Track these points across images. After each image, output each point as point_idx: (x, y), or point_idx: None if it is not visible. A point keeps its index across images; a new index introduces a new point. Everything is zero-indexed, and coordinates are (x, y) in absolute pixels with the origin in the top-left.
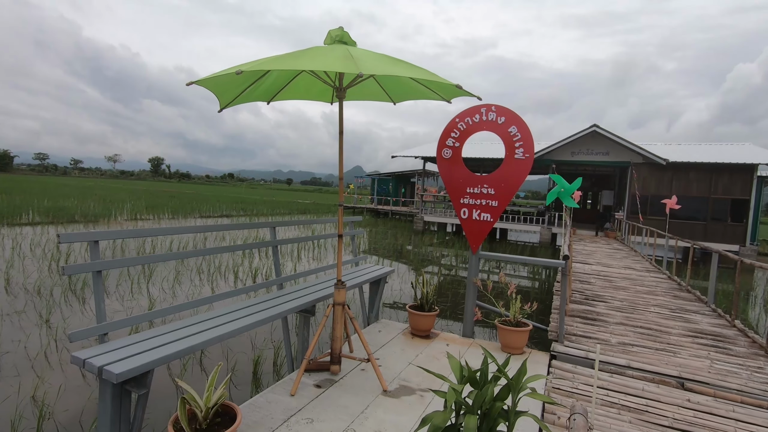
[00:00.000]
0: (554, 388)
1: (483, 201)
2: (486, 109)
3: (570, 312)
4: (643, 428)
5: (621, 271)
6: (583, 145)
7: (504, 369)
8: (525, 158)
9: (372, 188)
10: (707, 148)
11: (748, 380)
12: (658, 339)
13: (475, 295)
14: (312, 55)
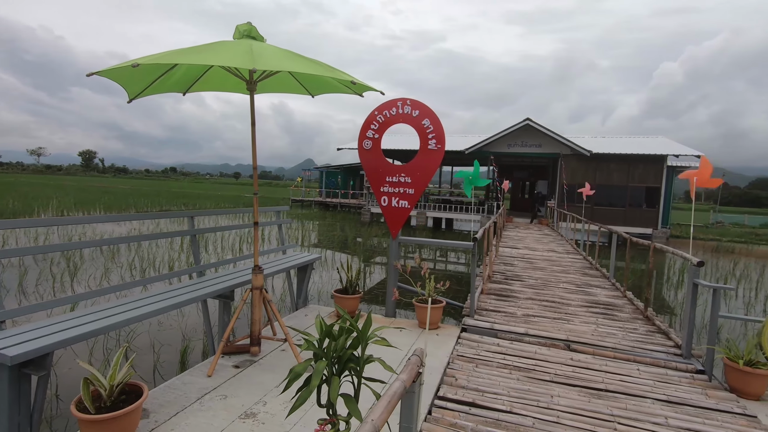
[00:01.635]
0: (459, 356)
1: (401, 189)
2: (402, 103)
3: (488, 290)
4: (527, 383)
5: (544, 254)
6: (518, 137)
7: (360, 326)
8: (437, 149)
9: (320, 181)
10: (626, 141)
11: (622, 339)
12: (559, 310)
13: (396, 277)
14: (214, 49)
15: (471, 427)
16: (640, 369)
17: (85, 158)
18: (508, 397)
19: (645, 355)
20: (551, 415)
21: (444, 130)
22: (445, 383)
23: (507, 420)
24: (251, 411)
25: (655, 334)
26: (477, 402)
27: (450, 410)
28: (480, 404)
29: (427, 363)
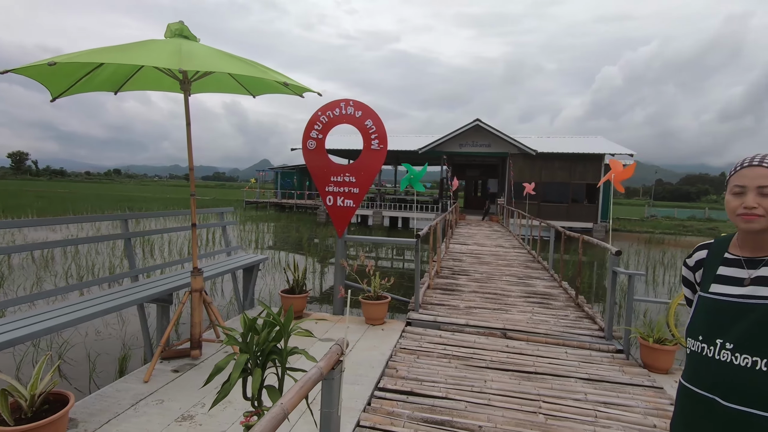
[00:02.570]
0: (401, 348)
1: (345, 188)
2: (345, 104)
3: (434, 285)
4: (464, 371)
5: (491, 249)
6: (469, 137)
7: (281, 320)
8: (380, 149)
9: (276, 182)
10: (569, 141)
11: (554, 326)
12: (499, 301)
13: (343, 276)
14: (141, 48)
15: (407, 414)
16: (568, 352)
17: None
18: (445, 384)
19: (573, 338)
20: (483, 399)
21: (386, 130)
22: (386, 375)
23: (442, 405)
24: (189, 414)
25: (583, 319)
26: (415, 390)
27: (389, 400)
28: (418, 392)
29: (370, 357)
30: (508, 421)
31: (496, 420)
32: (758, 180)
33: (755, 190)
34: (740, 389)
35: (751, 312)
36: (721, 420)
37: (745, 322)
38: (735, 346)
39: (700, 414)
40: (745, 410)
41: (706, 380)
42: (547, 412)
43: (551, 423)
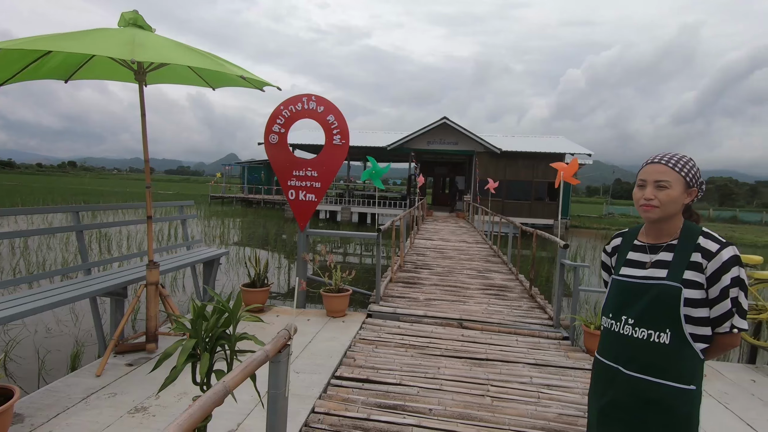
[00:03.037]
0: (361, 339)
1: (307, 183)
2: (307, 99)
3: (396, 279)
4: (419, 359)
5: (455, 245)
6: (436, 135)
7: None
8: (342, 144)
9: (242, 177)
10: (532, 140)
11: (507, 315)
12: (458, 293)
13: (305, 269)
14: (91, 37)
15: (362, 400)
16: (519, 339)
17: None
18: (400, 371)
19: (524, 327)
20: (435, 384)
21: (348, 126)
22: (344, 364)
23: (395, 391)
24: (142, 405)
25: (535, 309)
26: (371, 378)
27: (345, 387)
28: (373, 380)
29: (329, 347)
30: (457, 404)
31: (446, 403)
32: (655, 175)
33: (653, 184)
34: (638, 359)
35: (649, 291)
36: (622, 386)
37: (644, 300)
38: (635, 321)
39: (607, 381)
40: (641, 377)
41: (612, 352)
42: (494, 395)
43: (497, 404)
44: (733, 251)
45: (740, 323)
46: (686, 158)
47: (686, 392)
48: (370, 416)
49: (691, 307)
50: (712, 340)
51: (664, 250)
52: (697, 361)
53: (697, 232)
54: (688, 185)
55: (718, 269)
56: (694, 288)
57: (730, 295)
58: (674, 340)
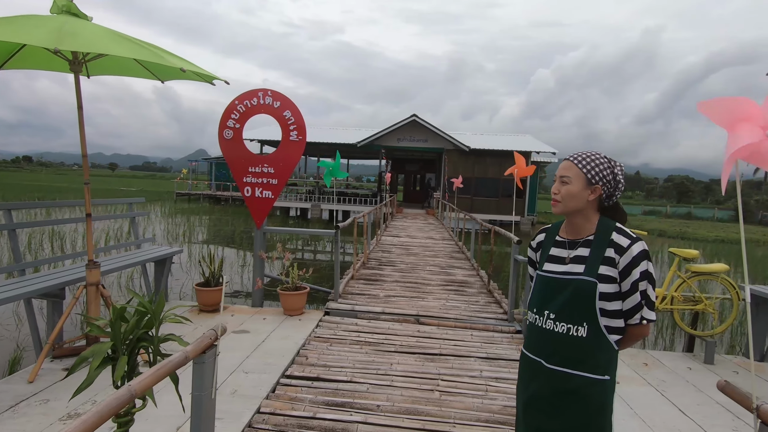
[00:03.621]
0: (316, 337)
1: (264, 179)
2: (263, 93)
3: (358, 276)
4: (373, 356)
5: (422, 241)
6: (407, 132)
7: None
8: (299, 140)
9: (210, 173)
10: (500, 138)
11: (464, 311)
12: (418, 289)
13: (262, 267)
14: (17, 24)
15: (310, 398)
16: (473, 334)
17: None
18: (352, 369)
19: (479, 322)
20: (386, 380)
21: (305, 122)
22: (296, 363)
23: (345, 389)
24: (76, 412)
25: (491, 304)
26: (321, 376)
27: (294, 386)
28: (324, 378)
29: (282, 346)
30: (406, 399)
31: (395, 399)
32: (561, 171)
33: (558, 179)
34: (558, 352)
35: (568, 286)
36: (544, 379)
37: (563, 294)
38: (556, 315)
39: (531, 375)
40: (560, 369)
41: (536, 346)
42: (443, 389)
43: (444, 398)
44: (642, 246)
45: (649, 314)
46: (593, 156)
47: (601, 382)
48: (316, 415)
49: (605, 300)
50: (625, 332)
51: (582, 246)
52: (612, 353)
53: (611, 228)
54: (590, 182)
55: (629, 263)
56: (608, 282)
57: (639, 288)
58: (591, 333)
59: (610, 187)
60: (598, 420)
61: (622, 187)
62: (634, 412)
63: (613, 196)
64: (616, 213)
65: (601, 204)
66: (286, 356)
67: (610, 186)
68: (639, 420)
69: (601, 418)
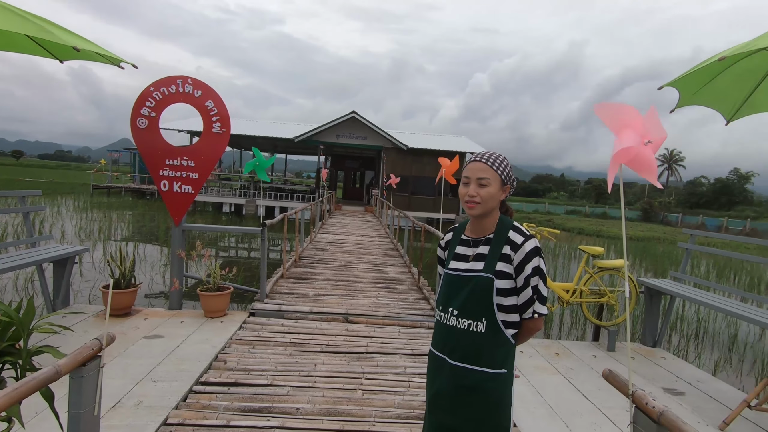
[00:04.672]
0: (237, 339)
1: (183, 173)
2: (182, 81)
3: (288, 275)
4: (297, 357)
5: (358, 239)
6: (346, 129)
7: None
8: (222, 132)
9: (133, 165)
10: (437, 138)
11: (393, 308)
12: (349, 288)
13: (181, 267)
14: None
15: (225, 405)
16: (401, 331)
17: None
18: (273, 371)
19: (407, 318)
20: (308, 382)
21: (229, 113)
22: (212, 368)
23: (264, 393)
24: None
25: (420, 300)
26: (240, 381)
27: (207, 393)
28: (242, 383)
29: (199, 350)
30: (327, 400)
31: (316, 400)
32: (477, 173)
33: (476, 182)
34: (460, 348)
35: (469, 283)
36: (447, 375)
37: (465, 291)
38: (458, 312)
39: (436, 371)
40: (461, 365)
41: (441, 342)
42: (366, 388)
43: (367, 397)
44: (534, 243)
45: (540, 308)
46: (502, 157)
47: (498, 376)
48: (229, 423)
49: (502, 296)
50: (520, 326)
51: (483, 244)
52: (509, 347)
53: (508, 226)
54: (503, 182)
55: (522, 260)
56: (504, 278)
57: (531, 284)
58: (489, 328)
59: (513, 186)
60: (496, 413)
61: (515, 185)
62: (544, 400)
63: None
64: (506, 209)
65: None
66: (203, 361)
67: (513, 185)
68: (548, 407)
69: (499, 411)
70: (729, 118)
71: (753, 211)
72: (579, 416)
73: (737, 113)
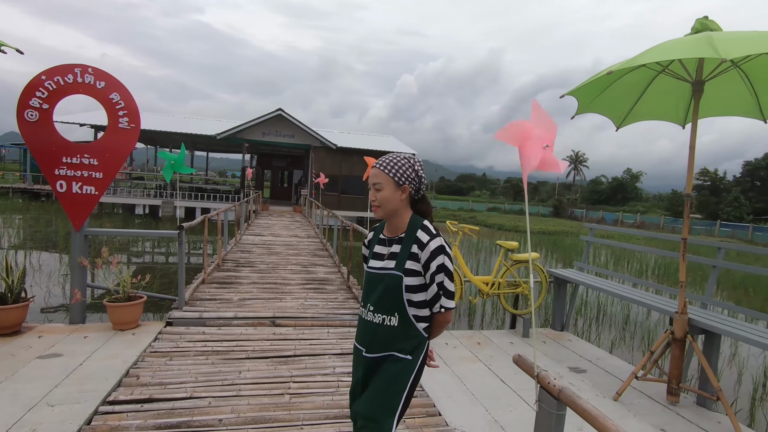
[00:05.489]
0: (152, 352)
1: (85, 172)
2: (82, 70)
3: (210, 279)
4: (220, 365)
5: (286, 240)
6: (272, 127)
7: None
8: (131, 128)
9: (24, 162)
10: (366, 138)
11: (322, 308)
12: (277, 290)
13: (84, 276)
14: None
15: (137, 424)
16: (330, 331)
17: None
18: (194, 383)
19: (336, 318)
20: (232, 390)
21: (138, 107)
22: (123, 385)
23: (183, 406)
24: None
25: (350, 300)
26: (155, 396)
27: (117, 413)
28: (158, 398)
29: (106, 367)
30: (253, 408)
31: (241, 409)
32: (372, 179)
33: (373, 187)
34: (376, 341)
35: (383, 280)
36: (364, 365)
37: (380, 288)
38: (374, 308)
39: (356, 363)
40: (374, 356)
41: (360, 336)
42: (294, 392)
43: (295, 401)
44: (440, 242)
45: (447, 303)
46: (396, 160)
47: (402, 360)
48: None
49: (411, 293)
50: (432, 320)
51: (396, 243)
52: (419, 339)
53: (417, 226)
54: (398, 184)
55: (428, 258)
56: (413, 276)
57: (436, 281)
58: (401, 322)
59: (415, 184)
60: (388, 389)
61: (425, 181)
62: (467, 388)
63: (419, 191)
64: (424, 203)
65: (412, 199)
66: (111, 379)
67: (415, 183)
68: (470, 394)
69: (392, 388)
70: (618, 125)
71: (642, 206)
72: (497, 400)
73: (624, 121)
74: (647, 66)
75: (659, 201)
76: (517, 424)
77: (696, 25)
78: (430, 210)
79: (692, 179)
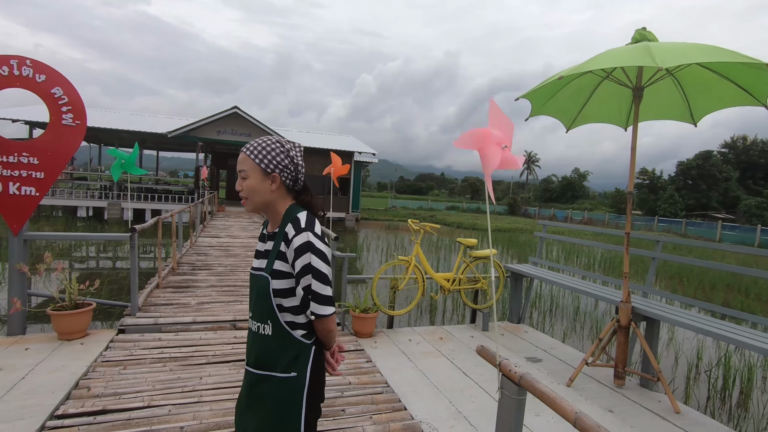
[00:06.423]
0: (104, 362)
1: (24, 172)
2: (19, 63)
3: (165, 284)
4: (178, 372)
5: (244, 241)
6: (228, 125)
7: None
8: (76, 125)
9: None
10: (326, 137)
11: None
12: (237, 293)
13: (23, 284)
14: None
15: None
16: None
17: None
18: (151, 391)
19: None
20: (193, 397)
21: (84, 103)
22: (73, 397)
23: (140, 416)
24: None
25: None
26: (108, 407)
27: (67, 427)
28: (111, 409)
29: (52, 380)
30: (216, 413)
31: (203, 415)
32: (238, 165)
33: (239, 175)
34: (253, 353)
35: (257, 282)
36: (247, 379)
37: (254, 292)
38: (252, 314)
39: (244, 377)
40: (253, 371)
41: (247, 348)
42: None
43: None
44: (306, 238)
45: (319, 310)
46: (266, 144)
47: (286, 380)
48: None
49: (281, 297)
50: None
51: (270, 239)
52: (299, 348)
53: (289, 219)
54: (266, 172)
55: (293, 257)
56: (282, 278)
57: (302, 284)
58: (275, 330)
59: (290, 172)
60: (285, 419)
61: (302, 169)
62: (430, 381)
63: (298, 180)
64: (307, 195)
65: (291, 190)
66: (58, 392)
67: (289, 171)
68: (433, 388)
69: (283, 415)
70: (568, 127)
71: (590, 204)
72: (460, 392)
73: (573, 123)
74: (593, 72)
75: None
76: (479, 413)
77: (636, 35)
78: (315, 202)
79: (634, 178)
